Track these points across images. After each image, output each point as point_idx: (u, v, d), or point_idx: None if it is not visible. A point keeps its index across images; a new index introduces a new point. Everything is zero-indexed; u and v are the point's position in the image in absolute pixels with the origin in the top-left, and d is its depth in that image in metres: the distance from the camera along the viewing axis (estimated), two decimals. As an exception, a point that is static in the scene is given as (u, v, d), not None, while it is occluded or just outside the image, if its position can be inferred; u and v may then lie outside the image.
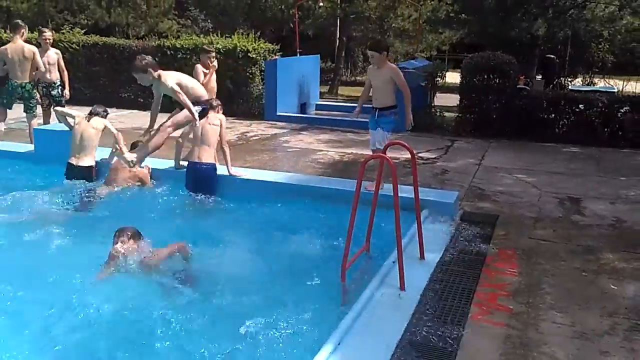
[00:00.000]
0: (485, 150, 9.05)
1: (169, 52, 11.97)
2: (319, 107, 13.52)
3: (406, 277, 3.89)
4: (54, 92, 8.45)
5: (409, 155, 5.15)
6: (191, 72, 7.12)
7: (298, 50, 13.57)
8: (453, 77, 15.93)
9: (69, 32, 13.90)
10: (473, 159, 8.45)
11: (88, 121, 6.43)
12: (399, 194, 3.86)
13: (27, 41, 8.01)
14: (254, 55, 11.61)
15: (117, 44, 12.92)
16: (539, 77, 15.17)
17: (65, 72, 8.70)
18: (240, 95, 11.65)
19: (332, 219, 5.34)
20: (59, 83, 8.59)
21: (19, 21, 8.26)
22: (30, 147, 7.53)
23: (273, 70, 11.43)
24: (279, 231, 5.22)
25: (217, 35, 12.74)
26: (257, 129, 10.61)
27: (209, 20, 27.73)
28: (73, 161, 6.31)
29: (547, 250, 4.83)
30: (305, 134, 10.29)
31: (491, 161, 8.32)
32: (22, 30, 7.86)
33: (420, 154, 8.37)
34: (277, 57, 11.85)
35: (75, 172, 6.30)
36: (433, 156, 8.57)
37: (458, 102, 10.71)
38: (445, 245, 4.85)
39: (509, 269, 4.43)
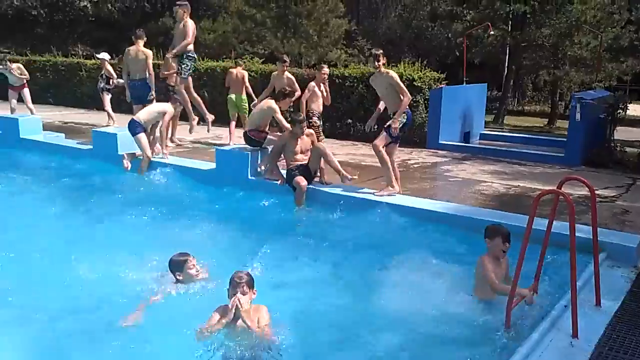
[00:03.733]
0: (676, 191, 8.08)
1: (337, 81, 12.46)
2: (483, 137, 13.14)
3: (579, 324, 3.59)
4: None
5: (584, 192, 4.78)
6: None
7: (464, 78, 13.34)
8: (636, 110, 14.54)
9: (249, 61, 15.10)
10: (660, 200, 7.59)
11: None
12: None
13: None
14: (419, 84, 11.63)
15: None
16: None
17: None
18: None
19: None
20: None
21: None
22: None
23: (438, 98, 11.36)
24: (436, 264, 5.02)
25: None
26: (418, 156, 10.57)
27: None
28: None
29: None
30: (467, 164, 10.03)
31: (683, 204, 7.40)
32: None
33: (597, 192, 7.66)
34: (442, 85, 11.76)
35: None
36: (612, 194, 7.84)
37: (643, 137, 9.81)
38: (625, 292, 4.41)
39: (703, 326, 3.88)
